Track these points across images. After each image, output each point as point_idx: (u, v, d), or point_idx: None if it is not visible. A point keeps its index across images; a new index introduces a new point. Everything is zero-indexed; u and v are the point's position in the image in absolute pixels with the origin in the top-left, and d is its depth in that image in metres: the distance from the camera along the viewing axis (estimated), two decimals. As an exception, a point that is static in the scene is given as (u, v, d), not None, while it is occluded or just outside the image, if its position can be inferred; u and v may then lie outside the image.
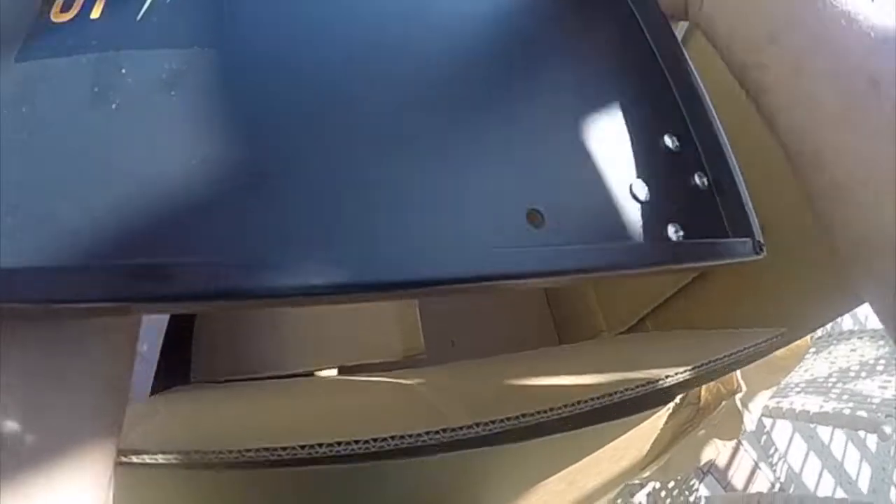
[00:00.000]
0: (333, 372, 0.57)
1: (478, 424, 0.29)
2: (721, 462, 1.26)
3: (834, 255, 0.31)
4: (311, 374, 0.57)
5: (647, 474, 0.66)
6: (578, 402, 0.30)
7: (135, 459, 0.31)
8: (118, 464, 0.25)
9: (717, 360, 0.36)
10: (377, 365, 0.56)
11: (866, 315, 1.39)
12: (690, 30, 0.46)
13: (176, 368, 0.58)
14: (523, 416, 0.29)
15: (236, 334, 0.61)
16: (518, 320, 0.78)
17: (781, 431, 1.32)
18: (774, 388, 0.74)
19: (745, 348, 0.38)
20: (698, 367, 0.35)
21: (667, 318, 0.57)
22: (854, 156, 0.27)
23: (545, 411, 0.30)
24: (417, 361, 0.55)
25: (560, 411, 0.30)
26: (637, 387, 0.32)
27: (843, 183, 0.27)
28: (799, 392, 0.98)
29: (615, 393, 0.32)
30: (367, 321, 0.58)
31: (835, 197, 0.28)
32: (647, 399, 0.35)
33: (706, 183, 0.33)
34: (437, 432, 0.29)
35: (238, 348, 0.60)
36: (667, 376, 0.33)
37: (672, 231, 0.30)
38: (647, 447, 0.54)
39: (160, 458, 0.31)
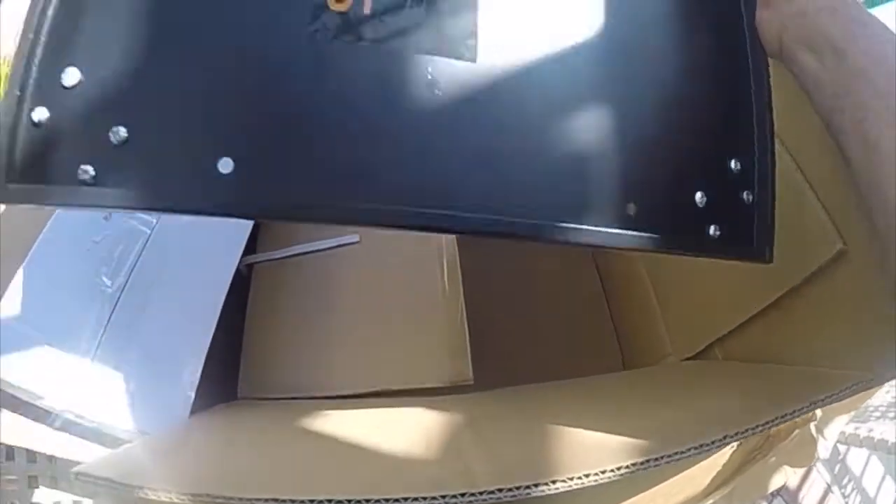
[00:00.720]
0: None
1: (506, 489, 0.26)
2: (792, 483, 1.20)
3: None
4: (358, 395, 0.56)
5: (709, 503, 0.62)
6: (618, 468, 0.28)
7: (151, 496, 0.31)
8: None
9: (787, 414, 0.33)
10: (424, 389, 0.54)
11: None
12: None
13: (222, 383, 0.58)
14: (555, 481, 0.27)
15: (285, 353, 0.60)
16: (579, 338, 0.75)
17: (857, 453, 1.24)
18: (853, 413, 0.69)
19: (822, 399, 0.35)
20: (764, 424, 0.32)
21: (738, 347, 0.54)
22: None
23: (581, 477, 0.27)
24: (465, 388, 0.54)
25: (597, 477, 0.27)
26: (690, 449, 0.29)
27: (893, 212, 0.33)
28: (879, 417, 0.91)
29: (663, 457, 0.29)
30: (415, 346, 0.56)
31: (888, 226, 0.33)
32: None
33: (751, 200, 0.41)
34: (462, 495, 0.26)
35: (286, 367, 0.59)
36: (725, 437, 0.30)
37: (713, 230, 0.40)
38: (707, 481, 0.51)
39: (174, 497, 0.30)
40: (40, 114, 0.30)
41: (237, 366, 0.61)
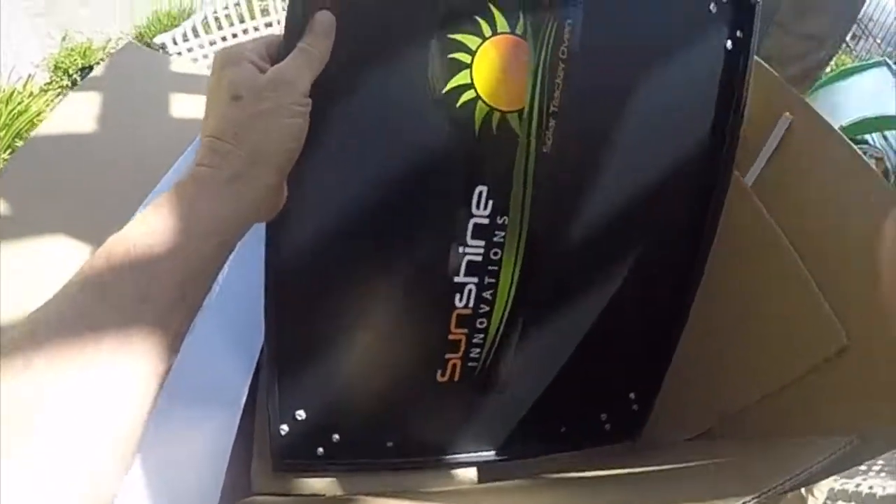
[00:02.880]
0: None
1: None
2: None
3: None
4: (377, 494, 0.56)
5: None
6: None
7: None
8: None
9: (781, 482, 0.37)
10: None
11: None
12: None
13: (240, 470, 0.55)
14: None
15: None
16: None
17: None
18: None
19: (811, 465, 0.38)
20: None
21: (737, 427, 0.56)
22: None
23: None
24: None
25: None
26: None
27: None
28: (865, 471, 0.90)
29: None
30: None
31: None
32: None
33: (636, 409, 0.62)
34: None
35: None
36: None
37: (607, 427, 0.61)
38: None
39: None
40: (283, 429, 0.52)
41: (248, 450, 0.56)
